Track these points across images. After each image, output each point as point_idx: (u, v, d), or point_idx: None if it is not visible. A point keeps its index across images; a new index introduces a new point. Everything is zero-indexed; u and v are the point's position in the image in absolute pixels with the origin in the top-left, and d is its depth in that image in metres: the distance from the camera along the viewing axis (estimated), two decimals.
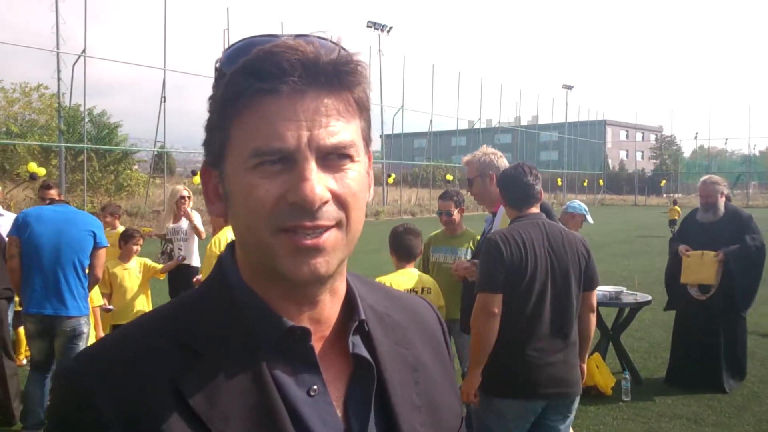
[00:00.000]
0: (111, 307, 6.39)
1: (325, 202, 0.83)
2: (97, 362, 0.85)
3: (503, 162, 4.53)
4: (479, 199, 4.68)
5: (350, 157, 0.86)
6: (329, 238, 0.84)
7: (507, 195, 3.74)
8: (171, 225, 7.57)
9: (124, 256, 6.62)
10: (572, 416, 3.61)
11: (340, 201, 0.85)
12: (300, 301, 0.90)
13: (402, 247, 4.69)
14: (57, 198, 6.04)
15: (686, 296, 6.79)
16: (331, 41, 0.87)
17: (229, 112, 0.85)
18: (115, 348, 0.88)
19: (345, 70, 0.85)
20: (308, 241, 0.83)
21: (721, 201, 6.77)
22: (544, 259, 3.47)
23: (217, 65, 0.89)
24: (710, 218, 6.77)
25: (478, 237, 5.31)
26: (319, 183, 0.82)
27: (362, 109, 0.89)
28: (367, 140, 0.92)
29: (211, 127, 0.89)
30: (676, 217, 24.77)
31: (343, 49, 0.87)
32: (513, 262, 3.42)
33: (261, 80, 0.82)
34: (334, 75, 0.84)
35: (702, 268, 6.62)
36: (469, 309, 3.78)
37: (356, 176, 0.87)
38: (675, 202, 28.07)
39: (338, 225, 0.85)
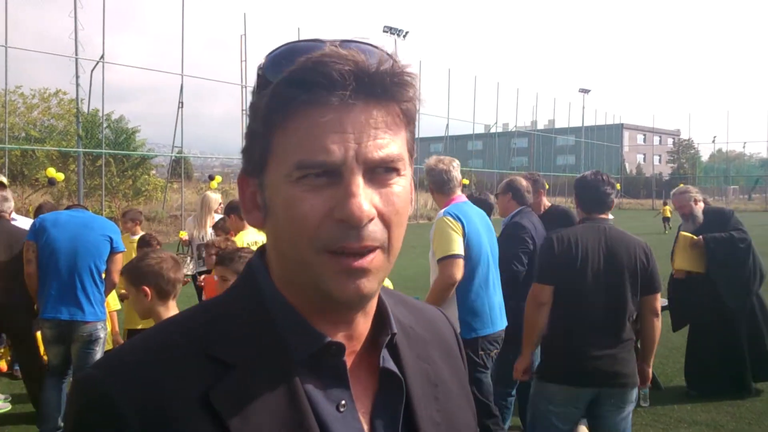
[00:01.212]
0: None
1: (371, 220, 0.80)
2: (119, 369, 0.82)
3: (435, 174, 4.62)
4: None
5: (397, 171, 0.83)
6: (374, 259, 0.81)
7: (580, 198, 4.13)
8: (211, 231, 7.61)
9: None
10: (629, 408, 3.83)
11: (384, 219, 0.82)
12: (335, 319, 0.88)
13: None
14: None
15: (695, 306, 6.72)
16: (377, 48, 0.83)
17: (273, 122, 0.82)
18: (138, 354, 0.84)
19: (397, 81, 0.81)
20: (355, 264, 0.80)
21: (697, 208, 6.72)
22: (596, 259, 3.79)
23: (260, 72, 0.85)
24: (691, 227, 6.72)
25: None
26: (366, 199, 0.79)
27: (409, 121, 0.86)
28: (411, 151, 0.88)
29: (252, 135, 0.86)
30: (668, 215, 30.32)
31: (393, 59, 0.83)
32: (563, 259, 3.79)
33: (309, 91, 0.78)
34: (385, 87, 0.80)
35: (692, 256, 6.60)
36: None
37: (401, 192, 0.84)
38: (665, 203, 32.67)
39: (382, 247, 0.82)
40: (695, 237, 6.53)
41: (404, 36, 40.87)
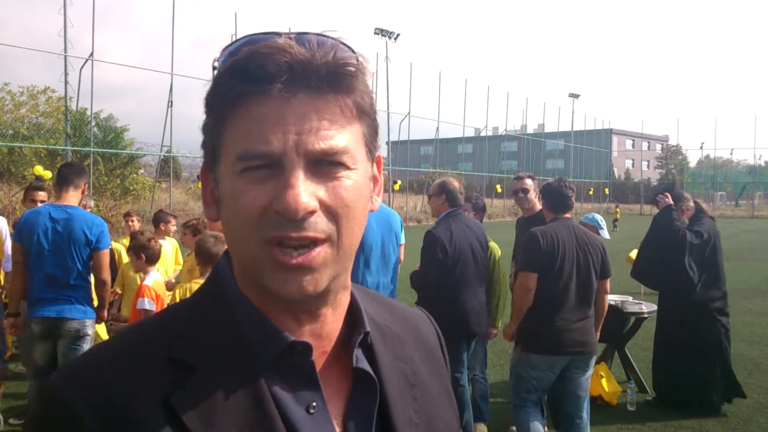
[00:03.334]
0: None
1: (312, 212, 0.78)
2: (79, 375, 0.80)
3: None
4: None
5: (343, 165, 0.81)
6: (319, 255, 0.79)
7: (549, 201, 4.92)
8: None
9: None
10: (590, 371, 4.77)
11: (330, 212, 0.80)
12: (299, 316, 0.85)
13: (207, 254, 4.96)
14: (47, 200, 5.97)
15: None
16: (333, 39, 0.82)
17: (220, 114, 0.82)
18: (99, 360, 0.83)
19: (340, 72, 0.80)
20: (296, 260, 0.78)
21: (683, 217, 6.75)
22: (571, 251, 4.62)
23: (215, 63, 0.85)
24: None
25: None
26: (305, 191, 0.77)
27: (362, 114, 0.84)
28: (370, 146, 0.87)
29: (204, 128, 0.86)
30: (618, 218, 35.48)
31: (347, 48, 0.83)
32: (547, 250, 4.58)
33: (247, 83, 0.79)
34: (327, 78, 0.80)
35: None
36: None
37: (351, 185, 0.81)
38: (617, 206, 38.11)
39: (328, 239, 0.80)
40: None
41: (395, 38, 40.91)
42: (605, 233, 6.41)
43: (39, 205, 5.68)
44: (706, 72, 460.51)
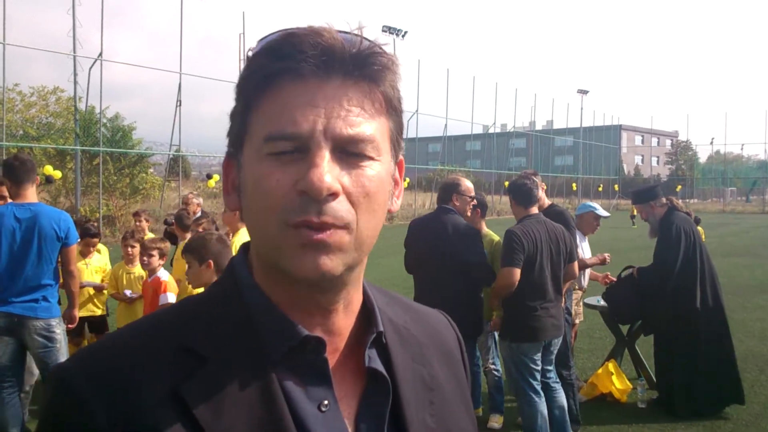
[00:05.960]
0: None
1: (334, 195, 0.77)
2: (92, 363, 0.81)
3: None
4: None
5: (368, 155, 0.81)
6: (335, 234, 0.78)
7: (519, 198, 5.22)
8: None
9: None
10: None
11: (351, 199, 0.79)
12: (312, 311, 0.85)
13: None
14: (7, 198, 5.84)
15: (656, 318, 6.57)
16: (368, 40, 0.82)
17: (250, 97, 0.82)
18: (113, 349, 0.83)
19: (373, 61, 0.81)
20: (314, 237, 0.77)
21: (655, 212, 6.62)
22: (546, 246, 5.03)
23: (249, 54, 0.85)
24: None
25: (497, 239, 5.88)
26: (330, 172, 0.77)
27: (390, 108, 0.84)
28: (394, 143, 0.86)
29: (233, 114, 0.86)
30: (635, 213, 31.71)
31: (380, 48, 0.83)
32: (527, 247, 4.93)
33: (280, 61, 0.78)
34: (361, 64, 0.80)
35: None
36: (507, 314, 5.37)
37: (374, 176, 0.81)
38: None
39: (346, 227, 0.79)
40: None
41: (403, 36, 40.88)
42: (601, 210, 6.54)
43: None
44: (716, 67, 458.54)
